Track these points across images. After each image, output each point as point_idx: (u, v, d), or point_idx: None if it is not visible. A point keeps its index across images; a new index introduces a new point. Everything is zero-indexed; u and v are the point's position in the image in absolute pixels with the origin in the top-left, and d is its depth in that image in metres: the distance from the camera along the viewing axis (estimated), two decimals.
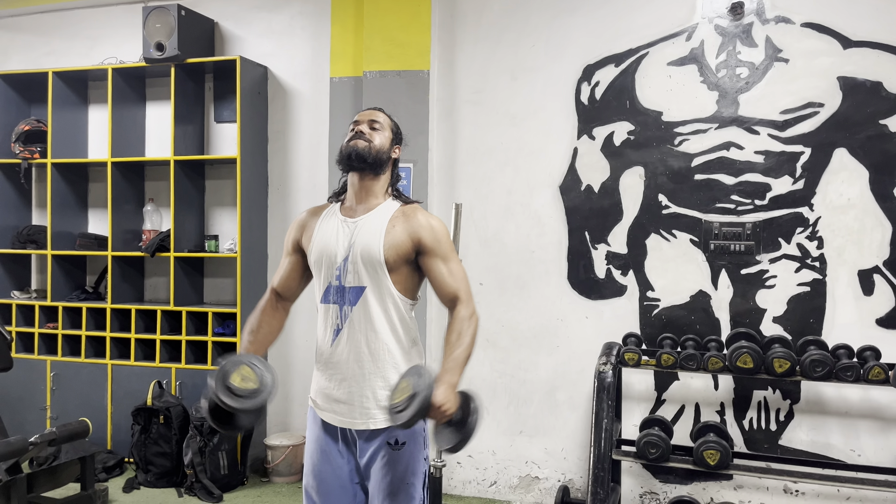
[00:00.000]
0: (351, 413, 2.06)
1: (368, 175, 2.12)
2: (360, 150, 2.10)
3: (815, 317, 3.48)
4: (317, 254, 2.11)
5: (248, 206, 4.32)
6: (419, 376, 1.83)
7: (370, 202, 2.12)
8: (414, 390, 1.80)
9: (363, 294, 2.05)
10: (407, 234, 2.07)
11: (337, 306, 2.07)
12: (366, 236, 2.06)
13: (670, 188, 3.66)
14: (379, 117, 2.20)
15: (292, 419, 4.51)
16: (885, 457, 3.40)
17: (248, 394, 1.86)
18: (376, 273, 2.04)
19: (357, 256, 2.05)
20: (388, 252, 2.04)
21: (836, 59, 3.43)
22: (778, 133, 3.50)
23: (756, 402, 3.58)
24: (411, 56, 3.96)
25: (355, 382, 2.05)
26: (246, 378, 1.88)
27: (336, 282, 2.07)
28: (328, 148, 4.26)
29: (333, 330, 2.08)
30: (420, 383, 1.81)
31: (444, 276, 2.07)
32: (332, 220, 2.14)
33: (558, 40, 3.84)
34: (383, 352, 2.06)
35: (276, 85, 4.49)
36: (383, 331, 2.06)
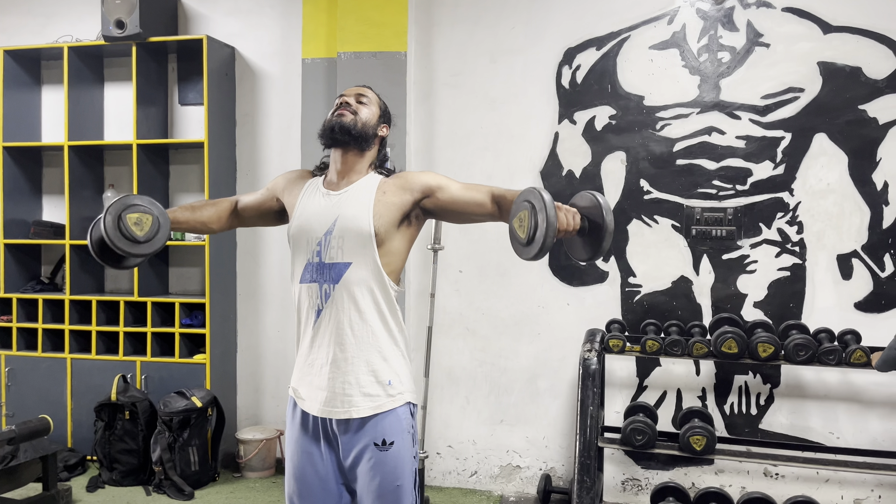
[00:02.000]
0: (332, 401, 1.92)
1: (352, 150, 1.99)
2: (344, 122, 1.98)
3: (794, 301, 3.50)
4: (296, 229, 1.98)
5: (215, 192, 4.15)
6: (532, 198, 1.64)
7: (352, 177, 2.00)
8: (535, 217, 1.62)
9: (347, 270, 1.91)
10: (400, 189, 1.96)
11: (316, 285, 1.93)
12: (352, 207, 1.94)
13: (652, 173, 3.64)
14: (367, 92, 2.10)
15: (264, 412, 4.37)
16: (863, 439, 3.44)
17: (144, 239, 1.82)
18: (363, 247, 1.91)
19: (342, 230, 1.92)
20: (377, 221, 1.92)
21: (816, 44, 3.43)
22: (759, 118, 3.50)
23: (737, 386, 3.59)
24: (387, 37, 3.84)
25: (337, 368, 1.91)
26: (140, 223, 1.82)
27: (315, 258, 1.93)
28: (300, 132, 4.12)
29: (315, 311, 1.94)
30: (537, 208, 1.62)
31: (464, 190, 1.95)
32: (315, 194, 2.01)
33: (538, 22, 3.77)
34: (367, 334, 1.93)
35: (244, 66, 4.32)
36: (368, 311, 1.92)
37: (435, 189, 1.98)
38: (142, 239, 1.83)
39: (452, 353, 3.92)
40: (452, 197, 1.97)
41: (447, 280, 3.91)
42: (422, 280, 3.93)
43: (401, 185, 1.99)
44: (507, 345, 3.85)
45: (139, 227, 1.82)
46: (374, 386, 1.93)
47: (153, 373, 4.17)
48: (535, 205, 1.63)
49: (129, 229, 1.81)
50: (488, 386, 3.89)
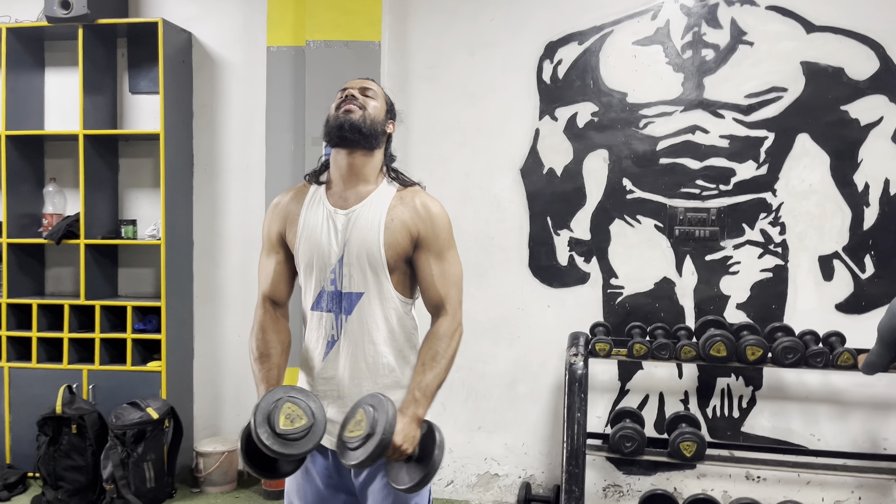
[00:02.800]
0: None
1: (360, 151, 1.81)
2: (354, 119, 1.79)
3: (777, 303, 3.47)
4: (306, 254, 1.80)
5: (171, 187, 3.87)
6: (378, 409, 1.59)
7: (361, 188, 1.82)
8: (370, 429, 1.57)
9: (360, 300, 1.77)
10: (405, 227, 1.79)
11: (332, 315, 1.78)
12: (362, 233, 1.77)
13: (635, 172, 3.55)
14: (371, 85, 1.91)
15: (223, 422, 4.12)
16: (843, 441, 3.44)
17: (300, 434, 1.61)
18: (376, 276, 1.76)
19: (353, 257, 1.76)
20: (388, 251, 1.76)
21: (799, 43, 3.41)
22: (742, 117, 3.45)
23: (720, 389, 3.54)
24: (360, 25, 3.64)
25: (352, 402, 1.75)
26: (293, 416, 1.61)
27: (331, 286, 1.77)
28: (264, 124, 3.88)
29: (326, 342, 1.79)
30: (378, 420, 1.57)
31: (432, 278, 1.80)
32: (319, 210, 1.82)
33: (519, 14, 3.63)
34: (382, 367, 1.79)
35: (201, 53, 4.05)
36: (381, 342, 1.78)
37: (420, 244, 1.80)
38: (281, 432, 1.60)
39: None
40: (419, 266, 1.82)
41: None
42: None
43: (404, 220, 1.80)
44: (485, 349, 3.71)
45: (289, 421, 1.62)
46: None
47: (102, 382, 3.86)
48: (376, 414, 1.59)
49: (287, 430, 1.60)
50: (466, 391, 3.74)
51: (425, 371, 1.74)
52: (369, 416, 1.60)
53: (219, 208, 4.06)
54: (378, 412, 1.60)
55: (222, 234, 4.06)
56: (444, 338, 1.79)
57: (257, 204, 3.97)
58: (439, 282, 1.81)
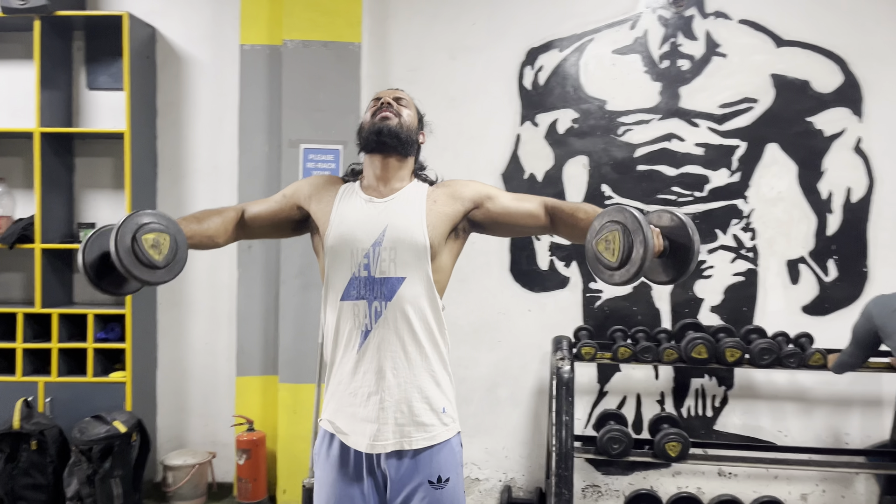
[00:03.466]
0: (382, 434, 1.72)
1: (395, 157, 1.81)
2: (392, 126, 1.79)
3: (748, 305, 3.61)
4: (336, 238, 1.74)
5: (136, 189, 3.68)
6: (623, 213, 1.48)
7: (396, 185, 1.82)
8: (633, 235, 1.45)
9: (401, 286, 1.72)
10: (451, 199, 1.80)
11: (365, 302, 1.72)
12: (403, 216, 1.75)
13: (614, 178, 3.62)
14: (404, 95, 1.92)
15: (189, 434, 3.96)
16: (808, 436, 3.61)
17: (163, 263, 1.51)
18: (418, 259, 1.73)
19: (393, 241, 1.72)
20: (432, 232, 1.74)
21: (769, 56, 3.55)
22: (716, 126, 3.57)
23: (694, 389, 3.65)
24: (340, 26, 3.57)
25: (389, 395, 1.71)
26: (158, 245, 1.50)
27: (363, 272, 1.72)
28: (234, 124, 3.76)
29: (361, 332, 1.72)
30: (628, 218, 1.46)
31: (517, 202, 1.82)
32: (354, 197, 1.80)
33: (501, 20, 3.65)
34: (420, 357, 1.74)
35: (166, 49, 3.88)
36: (422, 330, 1.74)
37: (485, 199, 1.83)
38: (160, 264, 1.51)
39: None
40: (505, 208, 1.82)
41: None
42: None
43: (450, 194, 1.82)
44: (466, 353, 3.70)
45: (157, 251, 1.50)
46: (428, 414, 1.74)
47: (60, 394, 3.65)
48: (628, 226, 1.48)
49: (147, 253, 1.48)
50: None
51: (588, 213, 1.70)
52: (619, 229, 1.48)
53: (185, 211, 3.87)
54: (626, 220, 1.48)
55: None
56: (576, 204, 1.79)
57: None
58: (523, 200, 1.83)
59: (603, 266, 1.53)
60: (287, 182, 3.60)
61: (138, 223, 1.50)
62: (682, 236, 1.53)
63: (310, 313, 3.60)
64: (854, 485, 3.61)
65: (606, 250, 1.51)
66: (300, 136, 3.60)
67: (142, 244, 1.48)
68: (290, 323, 3.62)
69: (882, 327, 2.77)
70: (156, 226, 1.52)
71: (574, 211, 1.75)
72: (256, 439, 3.61)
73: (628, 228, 1.47)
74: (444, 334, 1.82)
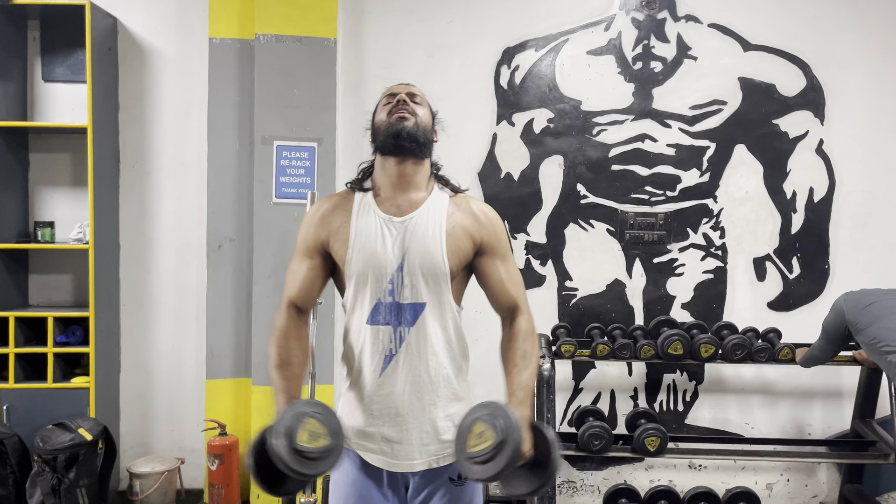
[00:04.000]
0: (408, 453, 1.72)
1: (412, 160, 1.74)
2: (409, 127, 1.72)
3: (717, 302, 3.71)
4: (360, 264, 1.70)
5: (98, 186, 3.53)
6: (500, 417, 1.51)
7: (414, 195, 1.75)
8: (502, 436, 1.48)
9: (423, 311, 1.71)
10: (468, 234, 1.75)
11: (390, 328, 1.70)
12: (423, 241, 1.70)
13: (589, 178, 3.66)
14: (418, 91, 1.86)
15: (154, 439, 3.83)
16: (773, 428, 3.74)
17: (321, 454, 1.49)
18: (438, 285, 1.71)
19: (415, 267, 1.69)
20: (451, 259, 1.71)
21: (737, 60, 3.65)
22: (687, 127, 3.65)
23: (666, 385, 3.74)
24: (314, 21, 3.50)
25: (413, 417, 1.71)
26: (315, 434, 1.49)
27: (388, 298, 1.69)
28: (201, 119, 3.65)
29: (384, 356, 1.71)
30: (506, 428, 1.49)
31: (503, 282, 1.80)
32: (371, 218, 1.73)
33: (476, 18, 3.64)
34: (442, 379, 1.73)
35: (129, 41, 3.73)
36: (442, 353, 1.73)
37: (485, 250, 1.78)
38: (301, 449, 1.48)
39: None
40: (486, 272, 1.80)
41: None
42: None
43: (466, 227, 1.76)
44: None
45: (312, 439, 1.49)
46: (451, 431, 1.73)
47: (18, 402, 3.48)
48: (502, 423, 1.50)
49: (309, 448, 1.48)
50: None
51: (521, 371, 1.70)
52: (496, 425, 1.50)
53: (149, 209, 3.76)
54: (501, 419, 1.50)
55: (153, 237, 3.77)
56: (528, 336, 1.78)
57: (193, 204, 3.73)
58: (509, 284, 1.81)
59: (467, 456, 1.53)
60: (261, 180, 3.52)
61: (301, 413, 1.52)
62: (545, 452, 1.56)
63: None
64: (817, 474, 3.76)
65: (477, 444, 1.51)
66: (273, 133, 3.52)
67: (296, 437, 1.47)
68: (264, 324, 3.53)
69: (854, 323, 2.88)
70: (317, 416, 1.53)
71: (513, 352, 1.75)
72: (229, 444, 3.51)
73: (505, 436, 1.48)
74: (466, 352, 1.82)
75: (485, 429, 1.51)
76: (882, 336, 2.76)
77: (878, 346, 2.77)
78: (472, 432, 1.53)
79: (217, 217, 3.63)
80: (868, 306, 2.85)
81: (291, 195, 3.54)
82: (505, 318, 1.85)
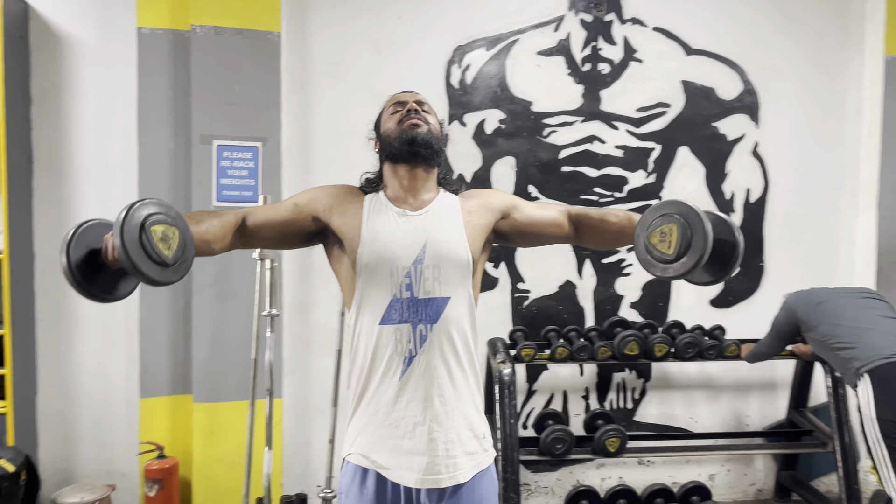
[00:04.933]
0: (433, 467, 1.58)
1: (424, 166, 1.68)
2: (424, 134, 1.66)
3: (662, 300, 3.79)
4: (372, 256, 1.58)
5: (10, 188, 3.18)
6: (681, 206, 1.45)
7: (425, 196, 1.69)
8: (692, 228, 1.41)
9: (447, 306, 1.60)
10: (484, 209, 1.71)
11: (408, 326, 1.58)
12: (442, 230, 1.62)
13: (540, 179, 3.65)
14: (425, 99, 1.78)
15: (78, 465, 3.50)
16: (715, 421, 3.87)
17: (173, 261, 1.32)
18: (461, 277, 1.62)
19: (437, 257, 1.59)
20: (473, 247, 1.64)
21: (680, 63, 3.73)
22: (634, 129, 3.70)
23: (615, 384, 3.78)
24: (257, 13, 3.29)
25: (437, 425, 1.59)
26: (167, 239, 1.31)
27: (405, 293, 1.58)
28: (128, 116, 3.37)
29: (404, 358, 1.59)
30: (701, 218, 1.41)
31: (544, 210, 1.76)
32: (385, 212, 1.65)
33: (427, 15, 3.53)
34: (464, 381, 1.63)
35: (42, 29, 3.37)
36: (464, 353, 1.63)
37: (511, 209, 1.76)
38: (170, 261, 1.31)
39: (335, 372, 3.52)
40: (530, 217, 1.76)
41: (328, 292, 3.50)
42: (297, 293, 3.48)
43: (482, 205, 1.73)
44: None
45: (166, 245, 1.30)
46: (472, 442, 1.65)
47: None
48: (688, 218, 1.44)
49: (157, 248, 1.28)
50: None
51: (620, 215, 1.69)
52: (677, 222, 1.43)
53: (69, 214, 3.42)
54: (684, 208, 1.44)
55: None
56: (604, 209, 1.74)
57: (120, 208, 3.41)
58: (549, 208, 1.77)
59: (656, 259, 1.49)
60: (199, 182, 3.29)
61: (145, 213, 1.29)
62: (728, 236, 1.51)
63: (227, 326, 3.31)
64: (754, 462, 3.92)
65: (662, 243, 1.47)
66: (213, 132, 3.28)
67: (151, 236, 1.27)
68: (204, 337, 3.30)
69: (805, 321, 3.00)
70: (164, 217, 1.31)
71: (603, 215, 1.72)
72: (169, 467, 3.26)
73: (688, 220, 1.44)
74: (476, 348, 1.71)
75: (670, 228, 1.45)
76: (833, 333, 2.88)
77: (830, 343, 2.90)
78: (654, 233, 1.47)
79: None
80: (819, 304, 2.97)
81: (234, 198, 3.31)
82: (573, 225, 1.75)
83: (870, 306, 2.92)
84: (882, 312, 2.88)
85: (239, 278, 3.31)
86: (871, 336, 2.78)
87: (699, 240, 1.42)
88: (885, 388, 2.66)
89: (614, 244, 1.76)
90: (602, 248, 1.82)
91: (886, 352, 2.71)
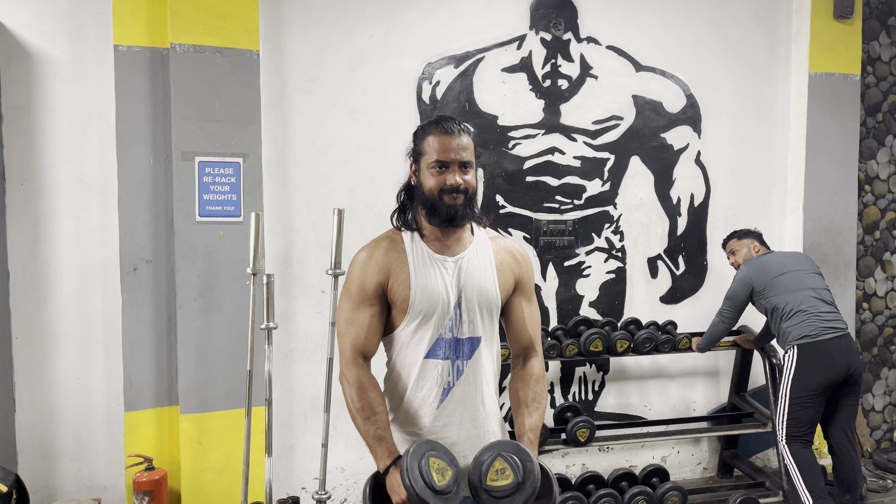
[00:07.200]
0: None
1: (461, 225, 1.87)
2: (461, 208, 1.80)
3: (618, 299, 4.10)
4: (425, 302, 1.79)
5: None
6: (522, 457, 1.67)
7: (461, 241, 1.87)
8: (521, 477, 1.65)
9: (480, 345, 1.85)
10: (511, 271, 1.92)
11: (448, 362, 1.81)
12: (478, 278, 1.84)
13: (506, 189, 3.87)
14: (468, 146, 1.84)
15: (59, 481, 3.51)
16: (666, 408, 4.22)
17: (446, 488, 1.63)
18: (492, 319, 1.87)
19: (473, 302, 1.83)
20: (502, 293, 1.88)
21: (630, 79, 4.03)
22: (591, 141, 3.97)
23: (577, 377, 4.07)
24: (236, 32, 3.36)
25: (469, 446, 1.83)
26: (441, 470, 1.62)
27: (449, 334, 1.81)
28: (111, 134, 3.38)
29: (442, 389, 1.82)
30: (530, 470, 1.65)
31: (524, 321, 1.95)
32: (425, 259, 1.83)
33: (398, 33, 3.69)
34: (493, 405, 1.91)
35: (11, 44, 3.33)
36: (493, 382, 1.91)
37: (521, 288, 1.94)
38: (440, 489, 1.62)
39: (316, 380, 3.65)
40: (512, 309, 1.94)
41: (308, 302, 3.63)
42: (279, 304, 3.58)
43: (509, 263, 1.92)
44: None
45: (440, 476, 1.63)
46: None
47: None
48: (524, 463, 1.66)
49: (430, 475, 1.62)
50: None
51: (531, 413, 1.86)
52: (515, 465, 1.66)
53: (44, 231, 3.41)
54: (523, 460, 1.67)
55: (49, 262, 3.42)
56: (540, 379, 1.93)
57: (96, 224, 3.44)
58: (529, 323, 1.95)
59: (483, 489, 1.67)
60: (181, 198, 3.35)
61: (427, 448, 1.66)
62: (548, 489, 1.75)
63: (213, 337, 3.39)
64: (701, 444, 4.30)
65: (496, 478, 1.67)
66: (194, 148, 3.35)
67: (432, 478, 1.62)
68: (190, 349, 3.37)
69: (761, 289, 3.47)
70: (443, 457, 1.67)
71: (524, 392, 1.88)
72: (158, 478, 3.32)
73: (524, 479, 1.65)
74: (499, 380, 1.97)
75: (504, 467, 1.66)
76: (780, 306, 3.38)
77: (776, 314, 3.40)
78: (493, 467, 1.67)
79: (131, 238, 3.39)
80: (777, 277, 3.42)
81: (216, 213, 3.39)
82: (518, 356, 1.98)
83: (812, 285, 3.39)
84: (819, 294, 3.37)
85: (223, 291, 3.39)
86: (807, 318, 3.31)
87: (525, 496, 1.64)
88: (805, 360, 3.28)
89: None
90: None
91: (814, 333, 3.27)
